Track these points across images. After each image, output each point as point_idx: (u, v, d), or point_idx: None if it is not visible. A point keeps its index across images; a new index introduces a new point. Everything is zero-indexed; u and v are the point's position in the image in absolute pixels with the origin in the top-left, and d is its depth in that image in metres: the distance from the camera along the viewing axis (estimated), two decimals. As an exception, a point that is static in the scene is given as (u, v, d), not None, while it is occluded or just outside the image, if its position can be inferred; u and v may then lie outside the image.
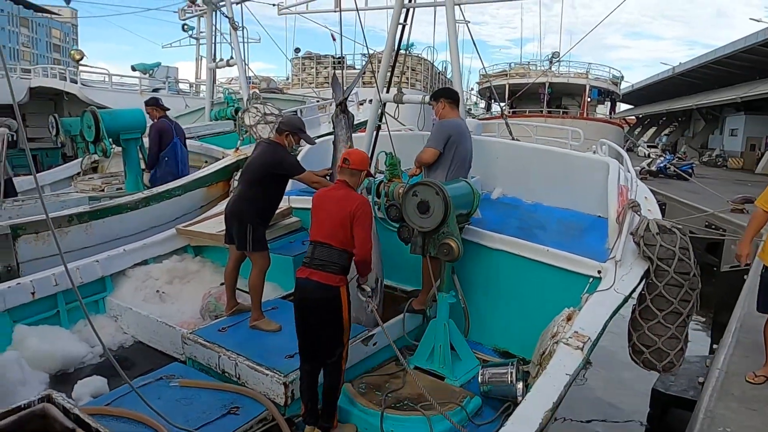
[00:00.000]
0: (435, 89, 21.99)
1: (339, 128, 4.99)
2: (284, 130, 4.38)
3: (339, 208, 3.41)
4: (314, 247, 3.44)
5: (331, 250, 3.37)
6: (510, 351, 4.50)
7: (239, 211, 4.26)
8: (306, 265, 3.41)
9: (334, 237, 3.38)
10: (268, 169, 4.25)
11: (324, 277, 3.32)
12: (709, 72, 33.25)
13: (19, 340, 4.27)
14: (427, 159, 4.58)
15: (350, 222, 3.38)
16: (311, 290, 3.34)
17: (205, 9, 11.58)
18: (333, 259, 3.35)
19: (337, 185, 3.62)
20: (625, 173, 5.18)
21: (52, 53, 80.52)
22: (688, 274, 3.86)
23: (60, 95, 16.29)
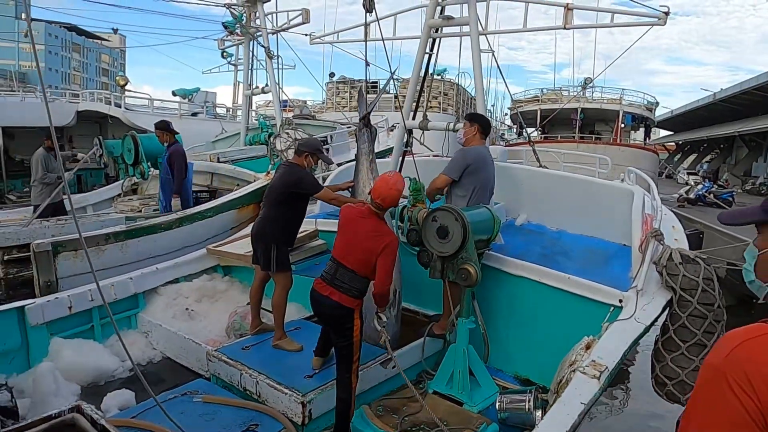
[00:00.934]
0: (466, 113, 21.97)
1: (361, 142, 5.09)
2: (303, 151, 4.55)
3: (368, 241, 3.60)
4: (338, 267, 3.65)
5: (355, 276, 3.60)
6: (530, 378, 4.47)
7: (263, 232, 4.41)
8: (327, 282, 3.64)
9: (359, 266, 3.60)
10: (288, 189, 4.39)
11: (344, 300, 3.57)
12: (752, 98, 32.36)
13: (54, 351, 4.48)
14: (439, 185, 4.66)
15: (376, 257, 3.56)
16: (329, 307, 3.62)
17: (243, 39, 12.07)
18: (354, 284, 3.60)
19: (368, 211, 3.76)
20: (652, 201, 5.13)
21: (100, 77, 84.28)
22: (712, 305, 3.79)
23: (105, 118, 17.09)
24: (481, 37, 5.39)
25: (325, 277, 3.67)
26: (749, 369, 1.06)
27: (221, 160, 10.09)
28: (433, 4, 5.48)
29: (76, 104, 17.41)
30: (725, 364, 1.09)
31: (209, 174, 9.77)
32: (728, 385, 1.07)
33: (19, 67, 60.55)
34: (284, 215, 4.42)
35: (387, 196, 3.72)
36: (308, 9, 10.32)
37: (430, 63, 5.81)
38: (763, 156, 36.54)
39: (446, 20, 5.49)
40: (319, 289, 3.66)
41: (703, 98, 41.74)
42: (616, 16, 5.07)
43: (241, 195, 7.78)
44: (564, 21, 5.03)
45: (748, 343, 1.10)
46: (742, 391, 1.05)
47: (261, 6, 11.14)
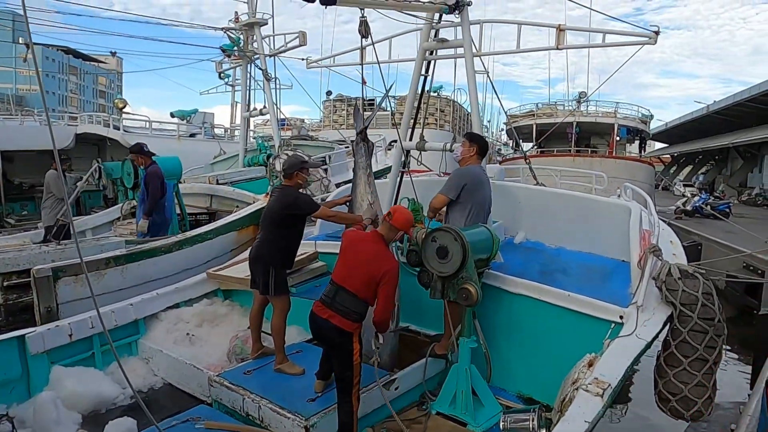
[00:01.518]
0: (463, 129, 22.06)
1: (359, 156, 5.08)
2: (290, 172, 4.58)
3: (369, 266, 3.64)
4: (338, 290, 3.66)
5: (355, 299, 3.62)
6: (533, 397, 4.46)
7: (261, 255, 4.43)
8: (327, 305, 3.65)
9: (361, 290, 3.63)
10: (285, 211, 4.41)
11: (344, 324, 3.59)
12: (745, 110, 32.68)
13: (55, 380, 4.45)
14: (436, 205, 4.69)
15: (377, 284, 3.61)
16: (329, 331, 3.63)
17: (240, 61, 12.20)
18: (354, 308, 3.62)
19: (373, 236, 3.85)
20: (649, 217, 5.17)
21: (97, 99, 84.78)
22: (712, 320, 3.80)
23: (104, 141, 17.17)
24: (475, 58, 5.46)
25: (325, 300, 3.69)
26: None
27: (220, 182, 10.14)
28: (427, 28, 5.57)
29: (75, 127, 17.49)
30: None
31: (208, 196, 9.82)
32: None
33: (17, 90, 60.88)
34: (282, 238, 4.44)
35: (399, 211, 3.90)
36: (305, 32, 10.46)
37: (426, 84, 5.89)
38: (758, 167, 36.76)
39: (441, 43, 5.58)
40: (319, 312, 3.67)
41: (697, 110, 42.14)
42: (608, 36, 5.17)
43: (241, 216, 7.80)
44: (557, 42, 5.12)
45: None
46: None
47: (258, 29, 11.28)
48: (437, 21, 5.57)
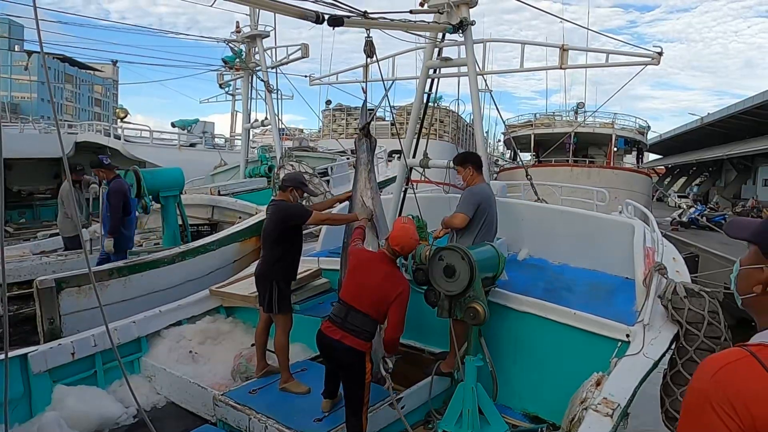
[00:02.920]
0: (462, 139, 22.06)
1: (360, 152, 5.04)
2: (287, 186, 4.61)
3: (381, 288, 3.65)
4: (348, 310, 3.64)
5: (368, 319, 3.61)
6: (540, 415, 4.45)
7: (263, 272, 4.44)
8: (338, 326, 3.60)
9: (372, 309, 3.62)
10: (280, 225, 4.43)
11: (358, 344, 3.58)
12: (739, 122, 32.96)
13: (57, 400, 4.40)
14: (459, 224, 4.67)
15: (388, 305, 3.62)
16: (342, 352, 3.58)
17: (242, 73, 12.23)
18: (367, 327, 3.61)
19: (381, 256, 3.85)
20: (651, 234, 5.20)
21: (93, 107, 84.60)
22: (719, 338, 3.81)
23: (103, 149, 17.15)
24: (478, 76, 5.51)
25: (335, 320, 3.65)
26: (730, 392, 1.13)
27: (222, 193, 10.13)
28: (431, 47, 5.60)
29: (75, 135, 17.47)
30: (708, 388, 1.17)
31: (210, 207, 9.79)
32: (712, 408, 1.14)
33: (12, 98, 60.75)
34: (283, 253, 4.44)
35: (406, 245, 3.84)
36: (307, 44, 10.49)
37: (429, 101, 5.93)
38: (752, 179, 37.03)
39: (444, 61, 5.61)
40: (329, 333, 3.63)
41: (691, 122, 42.53)
42: (611, 57, 5.22)
43: (243, 228, 7.78)
44: (560, 62, 5.16)
45: (728, 367, 1.18)
46: (725, 413, 1.12)
47: (260, 41, 11.32)
48: (441, 40, 5.61)
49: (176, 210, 7.92)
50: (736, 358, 1.19)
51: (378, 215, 4.76)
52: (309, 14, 3.75)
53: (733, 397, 1.13)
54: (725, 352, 1.24)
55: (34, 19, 2.38)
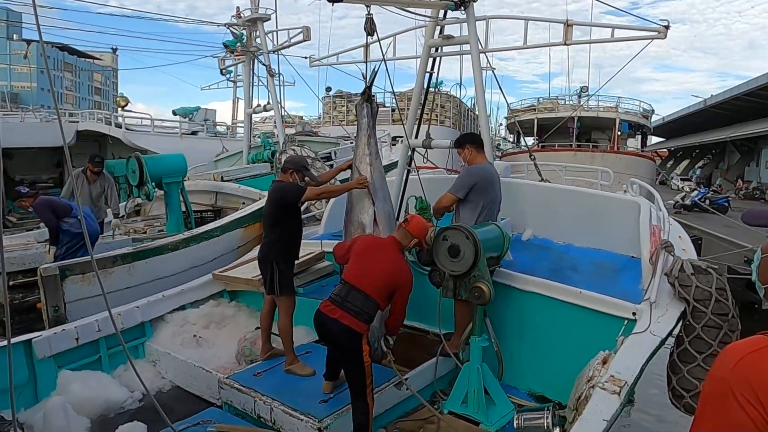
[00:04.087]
0: (463, 124, 21.99)
1: (361, 117, 4.92)
2: (288, 168, 4.58)
3: (387, 274, 3.64)
4: (350, 289, 3.59)
5: (368, 299, 3.56)
6: (545, 395, 4.44)
7: (265, 254, 4.43)
8: (337, 305, 3.55)
9: (375, 290, 3.58)
10: (278, 205, 4.42)
11: (355, 324, 3.50)
12: (742, 104, 32.72)
13: (63, 385, 4.42)
14: (445, 204, 4.65)
15: (391, 293, 3.63)
16: (339, 332, 3.51)
17: (244, 57, 12.13)
18: (367, 309, 3.55)
19: (390, 243, 3.84)
20: (657, 212, 5.14)
21: (93, 96, 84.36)
22: (726, 315, 3.78)
23: (105, 138, 17.11)
24: (481, 54, 5.42)
25: (335, 299, 3.60)
26: (754, 381, 1.11)
27: (225, 179, 10.10)
28: (432, 24, 5.52)
29: (76, 124, 17.43)
30: (731, 376, 1.14)
31: (213, 193, 9.78)
32: (734, 398, 1.11)
33: (12, 87, 60.60)
34: (281, 233, 4.42)
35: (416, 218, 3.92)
36: (309, 27, 10.39)
37: (431, 81, 5.85)
38: (755, 161, 36.86)
39: (446, 40, 5.53)
40: (327, 312, 3.57)
41: (694, 105, 42.24)
42: (617, 31, 5.12)
43: (247, 213, 7.74)
44: (564, 37, 5.08)
45: (752, 355, 1.14)
46: (748, 402, 1.10)
47: (261, 25, 11.21)
48: (442, 17, 5.52)
49: (179, 196, 7.91)
50: (760, 347, 1.16)
51: (377, 180, 4.69)
52: (309, -10, 3.68)
53: (757, 386, 1.10)
54: (748, 340, 1.20)
55: (32, 6, 2.34)
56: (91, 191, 7.61)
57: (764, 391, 1.09)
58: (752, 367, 1.13)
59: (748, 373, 1.12)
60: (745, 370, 1.13)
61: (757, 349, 1.16)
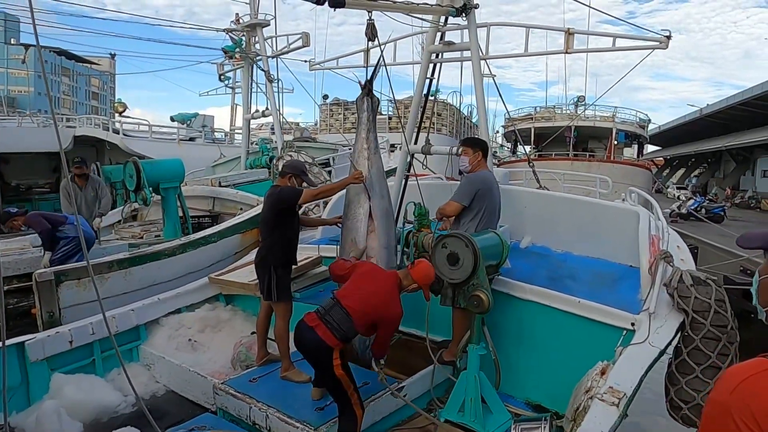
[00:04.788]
0: (461, 132, 21.97)
1: (361, 111, 4.86)
2: (287, 173, 4.57)
3: (378, 304, 3.62)
4: (335, 304, 3.59)
5: (348, 320, 3.52)
6: (542, 404, 4.41)
7: (262, 259, 4.40)
8: (319, 315, 3.55)
9: (359, 314, 3.53)
10: (274, 209, 4.40)
11: (327, 336, 3.46)
12: (738, 113, 32.94)
13: (56, 388, 4.37)
14: (451, 213, 4.64)
15: (375, 323, 3.60)
16: (310, 340, 3.49)
17: (243, 63, 12.14)
18: (344, 327, 3.50)
19: (393, 277, 3.81)
20: (656, 222, 5.14)
21: (90, 101, 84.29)
22: (725, 327, 3.77)
23: (102, 143, 17.07)
24: (481, 61, 5.43)
25: (319, 311, 3.62)
26: (754, 405, 1.10)
27: (223, 184, 10.08)
28: (433, 31, 5.52)
29: (73, 129, 17.39)
30: (730, 400, 1.14)
31: (211, 198, 9.75)
32: (733, 421, 1.11)
33: (8, 92, 60.52)
34: (278, 237, 4.40)
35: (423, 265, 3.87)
36: (308, 32, 10.41)
37: (431, 87, 5.85)
38: (751, 170, 37.07)
39: (447, 46, 5.53)
40: (307, 320, 3.57)
41: (689, 114, 42.50)
42: (618, 40, 5.13)
43: (245, 219, 7.73)
44: (565, 46, 5.09)
45: (751, 379, 1.15)
46: (746, 427, 1.10)
47: (261, 31, 11.23)
48: (443, 24, 5.53)
49: (177, 202, 7.88)
50: (759, 370, 1.16)
51: (374, 175, 4.66)
52: (310, -5, 3.68)
53: (756, 410, 1.09)
54: (748, 363, 1.20)
55: (28, 10, 2.33)
56: (86, 198, 7.57)
57: (763, 415, 1.09)
58: (752, 390, 1.13)
59: (748, 396, 1.12)
60: (745, 394, 1.12)
61: (757, 372, 1.15)
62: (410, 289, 3.85)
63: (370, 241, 4.59)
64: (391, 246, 4.67)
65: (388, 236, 4.65)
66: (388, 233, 4.66)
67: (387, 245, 4.62)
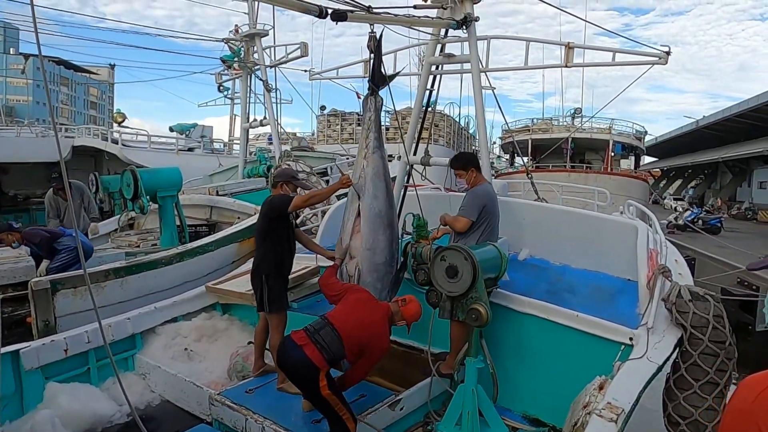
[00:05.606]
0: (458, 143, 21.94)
1: (365, 111, 4.75)
2: (278, 182, 4.59)
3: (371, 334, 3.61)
4: (326, 325, 3.55)
5: (339, 343, 3.48)
6: (540, 418, 4.39)
7: (255, 269, 4.42)
8: (308, 334, 3.49)
9: (350, 339, 3.51)
10: (266, 218, 4.42)
11: (316, 357, 3.39)
12: (734, 125, 33.14)
13: (50, 397, 4.33)
14: (461, 229, 4.61)
15: (364, 350, 3.57)
16: (297, 359, 3.40)
17: (241, 73, 12.18)
18: (333, 349, 3.45)
19: (383, 308, 3.82)
20: (654, 235, 5.15)
21: (89, 110, 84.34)
22: (723, 342, 3.76)
23: (101, 153, 17.08)
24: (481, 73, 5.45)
25: (308, 329, 3.54)
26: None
27: (220, 193, 10.06)
28: (433, 43, 5.55)
29: (72, 139, 17.42)
30: (754, 407, 1.13)
31: (208, 207, 9.73)
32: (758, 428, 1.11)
33: (7, 101, 60.55)
34: (272, 246, 4.40)
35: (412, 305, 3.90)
36: (306, 43, 10.45)
37: (431, 99, 5.87)
38: (747, 181, 37.24)
39: (447, 58, 5.56)
40: (295, 338, 3.49)
41: (686, 125, 42.71)
42: (618, 56, 5.16)
43: (242, 228, 7.71)
44: (565, 60, 5.12)
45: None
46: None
47: (259, 40, 11.27)
48: (443, 36, 5.56)
49: (174, 210, 7.87)
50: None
51: (369, 174, 4.59)
52: (312, 8, 3.70)
53: None
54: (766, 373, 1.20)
55: (30, 22, 2.34)
56: (71, 206, 7.58)
57: None
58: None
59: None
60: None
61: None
62: (397, 324, 3.87)
63: (353, 240, 4.50)
64: (379, 250, 4.50)
65: (375, 238, 4.50)
66: (376, 235, 4.50)
67: (372, 247, 4.47)
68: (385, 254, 4.51)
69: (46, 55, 10.79)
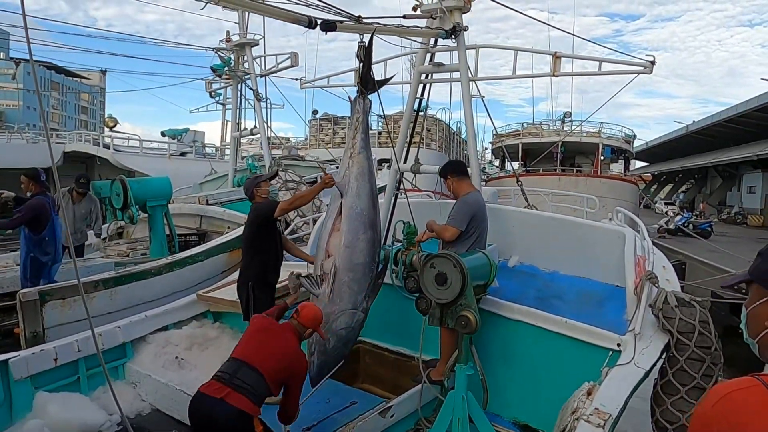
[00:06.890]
0: (450, 148, 22.01)
1: (353, 113, 4.66)
2: (249, 194, 4.68)
3: (285, 360, 3.36)
4: (240, 366, 3.22)
5: (262, 381, 3.20)
6: (530, 424, 4.42)
7: (243, 277, 4.44)
8: (224, 382, 3.13)
9: (271, 373, 3.26)
10: (252, 226, 4.45)
11: (246, 405, 3.06)
12: (723, 130, 33.49)
13: (39, 406, 4.29)
14: (450, 238, 4.63)
15: (287, 377, 3.37)
16: (224, 415, 3.01)
17: (231, 81, 12.19)
18: (259, 390, 3.18)
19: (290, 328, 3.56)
20: (642, 242, 5.21)
21: (80, 115, 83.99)
22: (709, 348, 3.82)
23: (92, 158, 17.01)
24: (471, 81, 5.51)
25: (220, 377, 3.18)
26: (733, 420, 1.11)
27: (210, 202, 10.03)
28: (423, 52, 5.60)
29: (63, 144, 17.36)
30: (711, 413, 1.15)
31: (198, 216, 9.68)
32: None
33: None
34: (259, 254, 4.41)
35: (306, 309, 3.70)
36: (297, 53, 10.50)
37: (421, 107, 5.92)
38: (737, 185, 37.61)
39: (437, 67, 5.61)
40: (209, 391, 3.08)
41: (676, 130, 43.09)
42: (604, 65, 5.24)
43: (232, 238, 7.67)
44: (552, 69, 5.19)
45: (733, 394, 1.15)
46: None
47: (249, 50, 11.30)
48: (433, 45, 5.61)
49: (164, 220, 7.84)
50: (743, 386, 1.17)
51: (353, 173, 4.48)
52: (302, 18, 3.73)
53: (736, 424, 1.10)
54: (735, 380, 1.21)
55: (22, 27, 2.35)
56: (75, 212, 7.54)
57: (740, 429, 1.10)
58: (732, 405, 1.14)
59: (728, 411, 1.13)
60: (726, 408, 1.13)
61: (740, 388, 1.16)
62: (306, 335, 3.66)
63: (332, 238, 4.36)
64: (358, 249, 4.32)
65: (355, 237, 4.33)
66: (356, 234, 4.33)
67: (351, 245, 4.28)
68: (364, 255, 4.34)
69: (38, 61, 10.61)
